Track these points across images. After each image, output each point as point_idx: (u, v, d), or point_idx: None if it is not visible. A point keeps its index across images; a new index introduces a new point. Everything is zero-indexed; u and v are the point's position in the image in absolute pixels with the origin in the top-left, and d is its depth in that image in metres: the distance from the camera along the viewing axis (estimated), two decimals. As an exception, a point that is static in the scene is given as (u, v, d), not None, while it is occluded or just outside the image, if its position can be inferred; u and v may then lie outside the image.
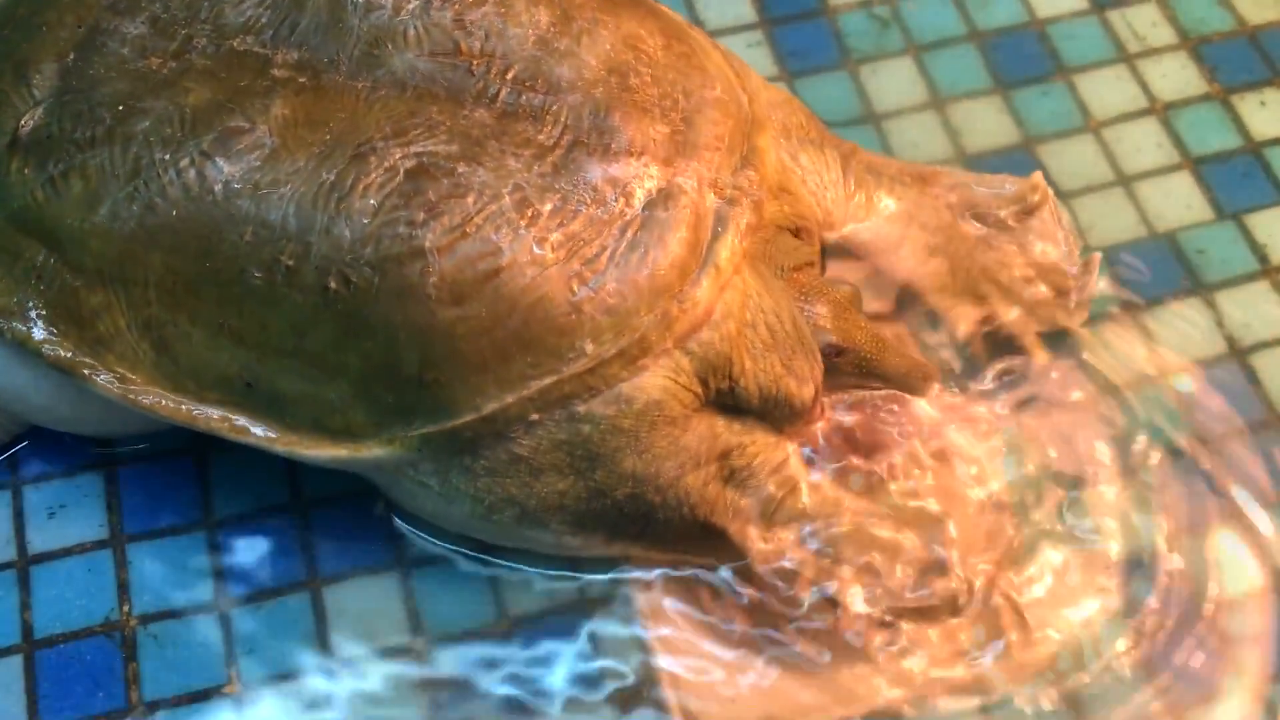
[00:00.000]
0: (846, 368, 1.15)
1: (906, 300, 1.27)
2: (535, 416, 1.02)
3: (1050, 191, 1.28)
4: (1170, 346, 1.27)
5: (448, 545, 1.16)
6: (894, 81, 1.42)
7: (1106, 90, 1.42)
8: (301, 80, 1.04)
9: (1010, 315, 1.25)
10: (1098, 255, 1.27)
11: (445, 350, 1.00)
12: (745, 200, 1.08)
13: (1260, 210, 1.36)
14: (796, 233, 1.16)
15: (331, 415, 1.04)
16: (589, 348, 1.01)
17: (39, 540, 1.17)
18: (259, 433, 1.05)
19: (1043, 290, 1.26)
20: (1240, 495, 1.21)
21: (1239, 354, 1.28)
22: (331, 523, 1.18)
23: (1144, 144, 1.39)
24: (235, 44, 1.06)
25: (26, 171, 1.05)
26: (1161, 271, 1.32)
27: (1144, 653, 1.14)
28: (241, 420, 1.05)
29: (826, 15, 1.47)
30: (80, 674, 1.11)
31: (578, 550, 1.13)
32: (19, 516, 1.17)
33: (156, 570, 1.15)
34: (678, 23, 1.16)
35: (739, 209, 1.07)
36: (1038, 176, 1.28)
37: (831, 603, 1.11)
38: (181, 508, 1.18)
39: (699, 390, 1.06)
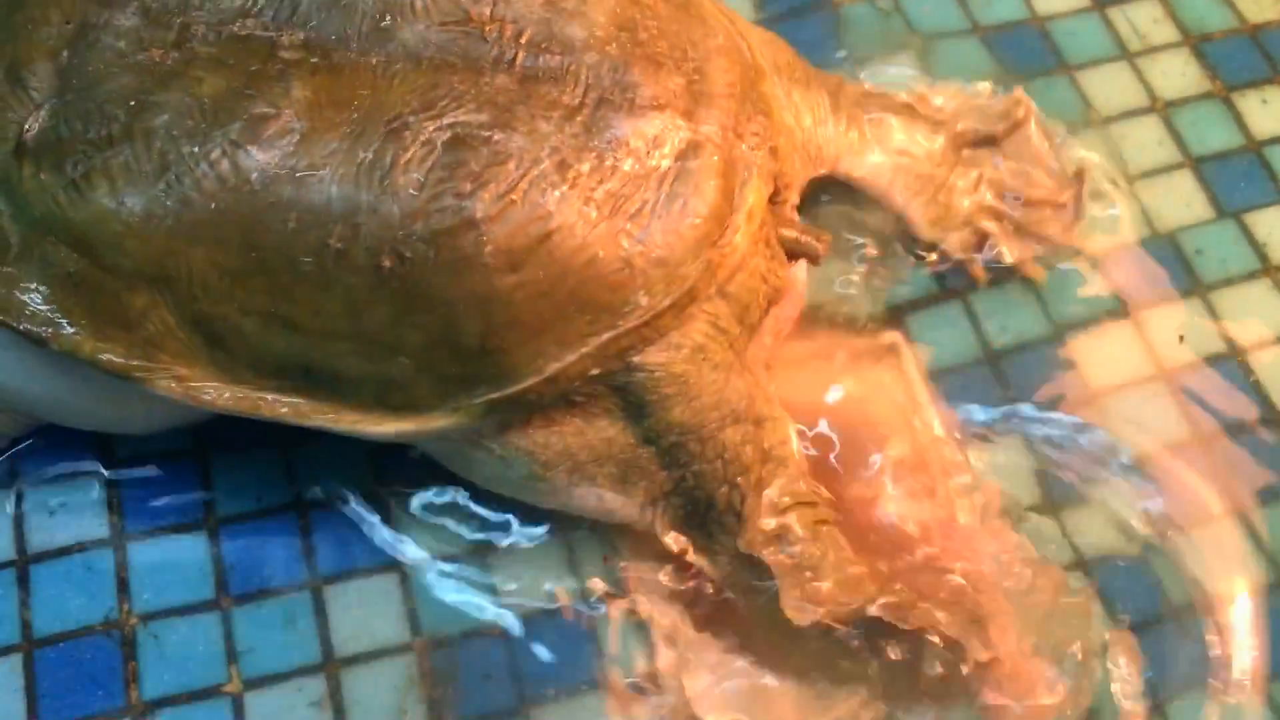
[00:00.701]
0: None
1: (903, 230, 1.29)
2: (595, 371, 1.04)
3: (1034, 106, 1.31)
4: (1169, 346, 1.28)
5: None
6: (896, 74, 1.41)
7: (1107, 88, 1.42)
8: (313, 60, 1.03)
9: (1006, 237, 1.28)
10: (1084, 168, 1.30)
11: (505, 317, 1.01)
12: (764, 146, 1.10)
13: (1261, 209, 1.36)
14: (775, 192, 1.16)
15: (394, 391, 1.04)
16: (643, 300, 1.03)
17: (39, 539, 1.16)
18: (322, 416, 1.06)
19: (1035, 210, 1.29)
20: (1239, 494, 1.21)
21: (1238, 353, 1.28)
22: (332, 522, 1.17)
23: (1144, 142, 1.39)
24: (236, 29, 1.05)
25: (42, 177, 1.02)
26: (1161, 271, 1.32)
27: (1141, 652, 1.14)
28: (304, 405, 1.05)
29: (830, 7, 1.46)
30: (80, 673, 1.11)
31: (618, 513, 1.14)
32: (19, 515, 1.17)
33: (157, 569, 1.15)
34: None
35: (760, 153, 1.09)
36: (1019, 92, 1.32)
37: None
38: (182, 506, 1.18)
39: (736, 332, 1.09)
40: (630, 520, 1.15)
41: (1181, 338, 1.28)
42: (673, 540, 1.14)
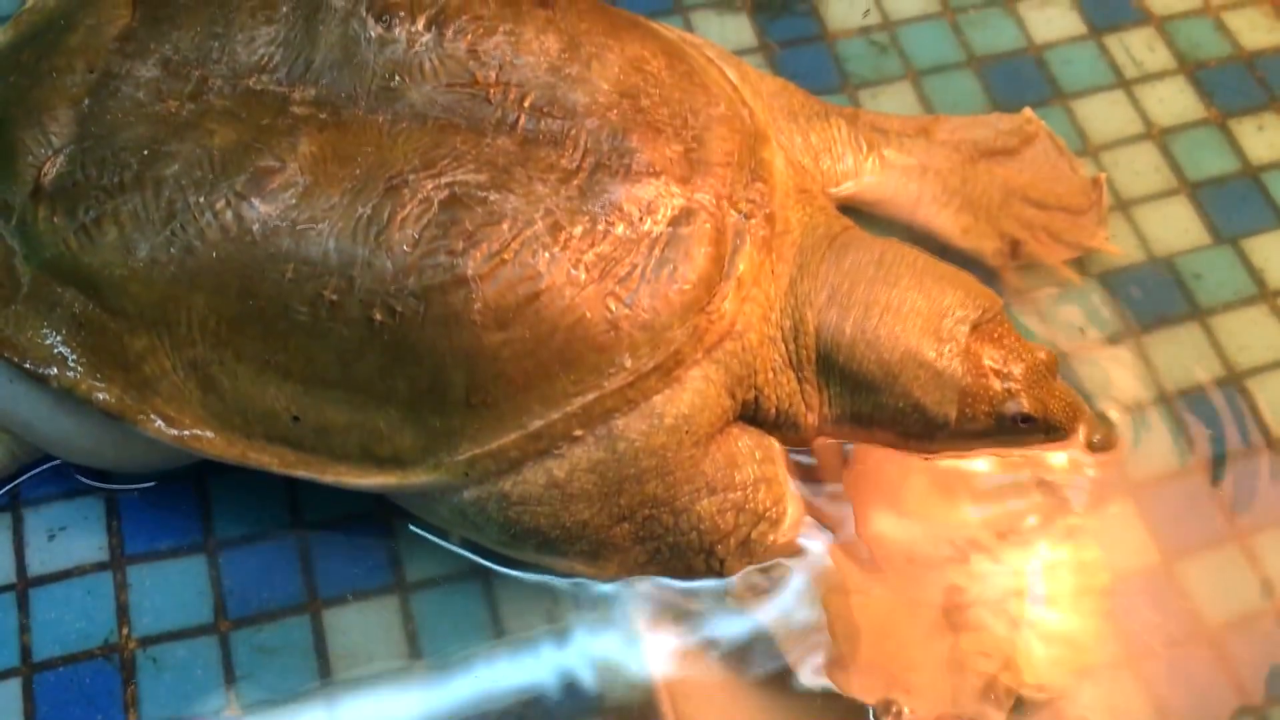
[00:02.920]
0: (1033, 433, 1.17)
1: (935, 248, 1.29)
2: (579, 432, 1.05)
3: (1043, 122, 1.34)
4: (1167, 371, 1.28)
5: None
6: (893, 106, 1.43)
7: (1104, 115, 1.43)
8: (322, 116, 1.06)
9: (1038, 243, 1.30)
10: (1103, 175, 1.33)
11: (491, 373, 1.03)
12: (759, 213, 1.11)
13: (1257, 235, 1.36)
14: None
15: (380, 442, 1.06)
16: (628, 363, 1.05)
17: (38, 562, 1.17)
18: (308, 467, 1.08)
19: (1062, 216, 1.31)
20: (1239, 519, 1.21)
21: (1236, 378, 1.28)
22: (331, 545, 1.18)
23: (1141, 168, 1.40)
24: (251, 83, 1.08)
25: (56, 220, 1.05)
26: (1159, 296, 1.32)
27: (1144, 671, 1.14)
28: (291, 455, 1.07)
29: (826, 40, 1.47)
30: (79, 697, 1.11)
31: (585, 576, 1.15)
32: (19, 539, 1.17)
33: (156, 593, 1.15)
34: (674, 41, 1.18)
35: (755, 222, 1.11)
36: (1028, 111, 1.35)
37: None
38: (181, 530, 1.18)
39: (727, 404, 1.10)
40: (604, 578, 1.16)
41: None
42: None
